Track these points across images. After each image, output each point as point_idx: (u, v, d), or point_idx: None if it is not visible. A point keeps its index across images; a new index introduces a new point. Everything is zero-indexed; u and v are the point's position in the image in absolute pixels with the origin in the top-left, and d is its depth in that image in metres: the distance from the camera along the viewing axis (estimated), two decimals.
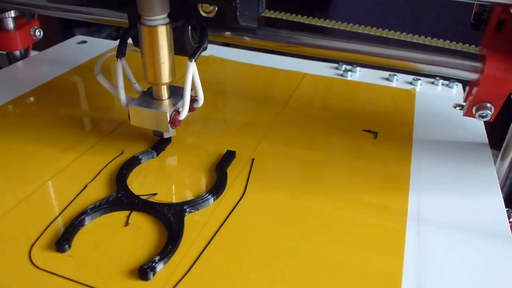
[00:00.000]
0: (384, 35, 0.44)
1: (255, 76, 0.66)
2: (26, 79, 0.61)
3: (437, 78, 0.63)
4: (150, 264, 0.32)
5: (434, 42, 0.43)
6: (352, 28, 0.45)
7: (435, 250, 0.36)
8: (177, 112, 0.43)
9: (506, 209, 0.41)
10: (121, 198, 0.39)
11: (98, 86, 0.45)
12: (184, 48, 0.43)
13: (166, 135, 0.46)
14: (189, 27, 0.43)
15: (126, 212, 0.38)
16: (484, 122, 0.51)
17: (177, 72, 0.43)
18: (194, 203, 0.38)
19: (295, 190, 0.42)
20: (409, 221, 0.39)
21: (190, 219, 0.37)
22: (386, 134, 0.50)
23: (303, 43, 0.45)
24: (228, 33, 0.45)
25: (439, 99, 0.60)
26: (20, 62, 0.67)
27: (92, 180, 0.42)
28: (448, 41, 0.43)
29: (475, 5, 0.43)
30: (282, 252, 0.35)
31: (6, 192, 0.40)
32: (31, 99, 0.56)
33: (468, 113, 0.44)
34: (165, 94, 0.44)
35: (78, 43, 0.74)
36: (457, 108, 0.58)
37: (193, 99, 0.44)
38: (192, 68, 0.41)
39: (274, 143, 0.48)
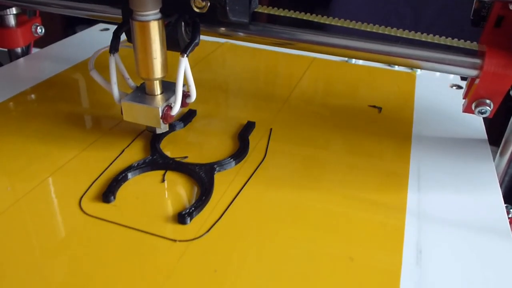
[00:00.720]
0: (383, 32, 0.44)
1: (266, 60, 0.69)
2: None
3: None
4: (187, 210, 0.37)
5: (433, 38, 0.43)
6: (352, 25, 0.44)
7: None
8: (169, 107, 0.43)
9: (505, 205, 0.41)
10: (156, 160, 0.44)
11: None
12: (177, 43, 0.43)
13: (158, 131, 0.46)
14: (182, 22, 0.43)
15: (161, 172, 0.43)
16: (483, 118, 0.51)
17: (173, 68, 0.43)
18: (222, 164, 0.43)
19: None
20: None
21: (219, 177, 0.42)
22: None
23: (297, 38, 0.45)
24: (222, 28, 0.45)
25: (437, 81, 0.62)
26: (21, 59, 0.67)
27: (127, 146, 0.46)
28: (447, 38, 0.43)
29: (474, 2, 0.43)
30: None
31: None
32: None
33: (468, 110, 0.44)
34: (157, 89, 0.44)
35: (101, 30, 0.77)
36: (454, 87, 0.61)
37: (186, 95, 0.44)
38: (184, 64, 0.41)
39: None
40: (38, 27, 0.68)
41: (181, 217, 0.37)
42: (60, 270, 0.33)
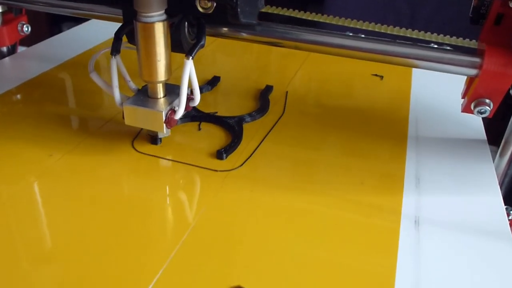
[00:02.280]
0: (380, 30, 0.43)
1: (265, 53, 0.71)
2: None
3: None
4: (224, 149, 0.44)
5: (432, 37, 0.42)
6: (348, 23, 0.44)
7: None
8: (173, 111, 0.42)
9: (505, 206, 0.41)
10: (191, 113, 0.50)
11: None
12: (180, 44, 0.42)
13: (161, 135, 0.45)
14: (186, 23, 0.42)
15: (197, 123, 0.50)
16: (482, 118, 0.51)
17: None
18: (249, 116, 0.51)
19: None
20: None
21: (247, 126, 0.50)
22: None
23: (301, 39, 0.44)
24: (226, 29, 0.44)
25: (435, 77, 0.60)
26: (7, 59, 0.65)
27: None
28: (445, 36, 0.42)
29: None
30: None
31: None
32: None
33: (467, 109, 0.43)
34: (160, 92, 0.43)
35: None
36: None
37: (189, 98, 0.43)
38: (189, 66, 0.40)
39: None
40: (24, 26, 0.66)
41: (219, 154, 0.44)
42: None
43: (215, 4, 0.40)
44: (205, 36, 0.41)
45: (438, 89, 0.59)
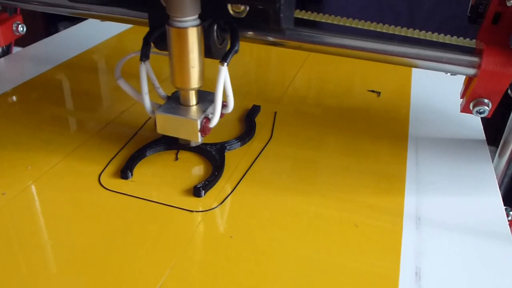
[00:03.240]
0: (376, 29, 0.43)
1: (265, 53, 0.70)
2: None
3: None
4: (201, 184, 0.40)
5: (430, 36, 0.42)
6: (346, 22, 0.43)
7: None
8: (207, 119, 0.41)
9: (505, 207, 0.41)
10: (169, 140, 0.45)
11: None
12: (209, 49, 0.41)
13: (193, 144, 0.44)
14: (215, 27, 0.41)
15: (174, 151, 0.45)
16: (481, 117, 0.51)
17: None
18: (232, 143, 0.46)
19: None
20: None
21: (229, 155, 0.45)
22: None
23: (327, 42, 0.43)
24: (251, 33, 0.43)
25: (434, 77, 0.61)
26: (2, 59, 0.64)
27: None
28: (444, 35, 0.42)
29: None
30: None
31: None
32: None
33: (465, 110, 0.43)
34: (193, 99, 0.42)
35: None
36: (448, 73, 0.60)
37: (223, 105, 0.42)
38: (224, 72, 0.39)
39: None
40: (20, 26, 0.65)
41: (196, 190, 0.40)
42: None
43: (248, 8, 0.39)
44: (239, 41, 0.40)
45: (438, 89, 0.60)
